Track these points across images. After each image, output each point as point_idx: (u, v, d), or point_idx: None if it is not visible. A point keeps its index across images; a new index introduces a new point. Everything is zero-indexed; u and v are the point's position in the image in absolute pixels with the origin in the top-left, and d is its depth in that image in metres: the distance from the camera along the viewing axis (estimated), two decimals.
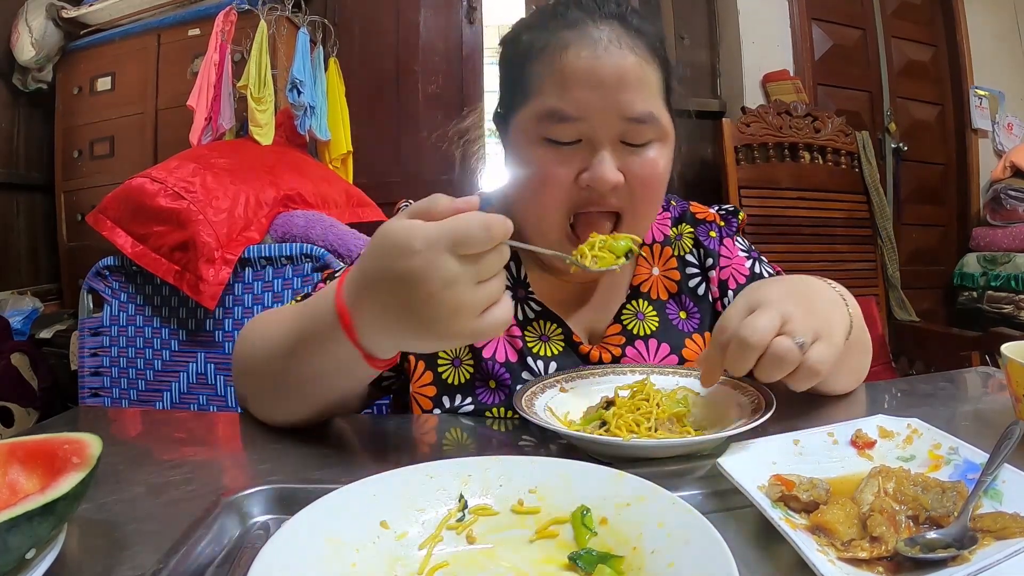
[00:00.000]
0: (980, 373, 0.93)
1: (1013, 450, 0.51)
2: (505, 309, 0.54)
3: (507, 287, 0.76)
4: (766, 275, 0.91)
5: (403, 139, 2.83)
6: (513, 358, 0.82)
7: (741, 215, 0.95)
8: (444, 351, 0.81)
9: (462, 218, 0.52)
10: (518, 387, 0.77)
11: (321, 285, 0.83)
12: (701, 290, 0.90)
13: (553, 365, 0.82)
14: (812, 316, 0.60)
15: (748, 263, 0.91)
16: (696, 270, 0.90)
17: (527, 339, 0.83)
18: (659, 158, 0.76)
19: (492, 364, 0.81)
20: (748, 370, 0.59)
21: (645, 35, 0.75)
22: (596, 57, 0.71)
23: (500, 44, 0.84)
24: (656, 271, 0.89)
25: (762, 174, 2.58)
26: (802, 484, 0.49)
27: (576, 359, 0.84)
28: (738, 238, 0.94)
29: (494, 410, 0.80)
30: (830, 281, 0.71)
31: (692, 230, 0.92)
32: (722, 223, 0.93)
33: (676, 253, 0.91)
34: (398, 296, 0.52)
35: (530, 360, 0.82)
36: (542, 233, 0.78)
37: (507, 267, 0.57)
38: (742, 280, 0.90)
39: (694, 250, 0.91)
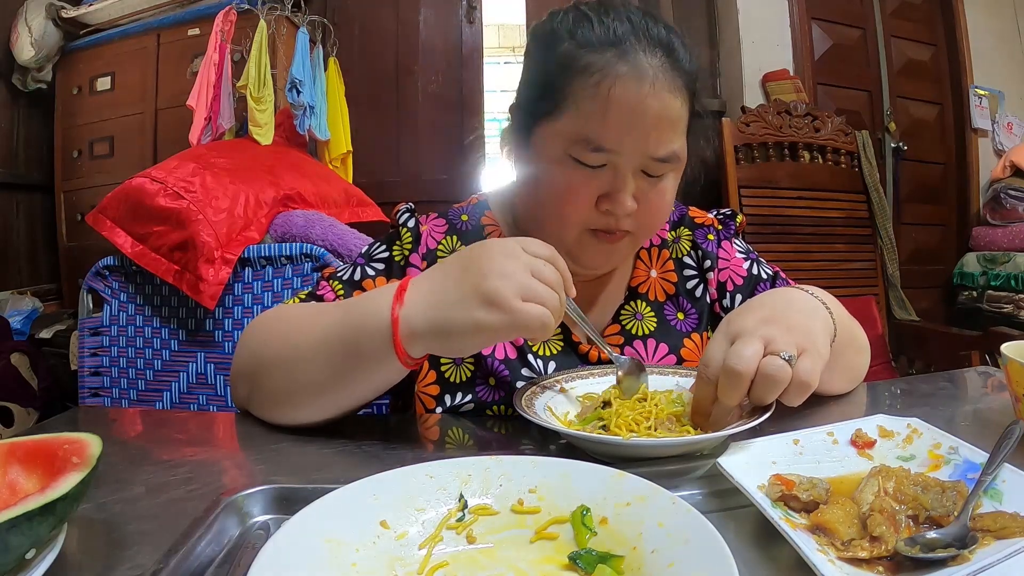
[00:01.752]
0: (980, 373, 0.93)
1: (1013, 450, 0.52)
2: (546, 314, 0.58)
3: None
4: (764, 276, 0.91)
5: (403, 139, 2.84)
6: (513, 355, 0.82)
7: (739, 218, 0.95)
8: None
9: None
10: (519, 385, 0.78)
11: (324, 284, 0.83)
12: (698, 292, 0.90)
13: (552, 364, 0.82)
14: (792, 332, 0.60)
15: (746, 264, 0.91)
16: (694, 272, 0.91)
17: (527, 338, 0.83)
18: (671, 186, 0.78)
19: (492, 361, 0.81)
20: (741, 399, 0.60)
21: (688, 72, 0.74)
22: (642, 95, 0.70)
23: (532, 36, 0.81)
24: (654, 273, 0.90)
25: (762, 174, 2.58)
26: (802, 484, 0.49)
27: (575, 359, 0.84)
28: (736, 240, 0.94)
29: (494, 407, 0.81)
30: (808, 288, 0.71)
31: (690, 233, 0.92)
32: (720, 227, 0.93)
33: (673, 256, 0.91)
34: (465, 262, 0.61)
35: (530, 357, 0.82)
36: (553, 244, 0.78)
37: None
38: (740, 281, 0.90)
39: (692, 252, 0.91)
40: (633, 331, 0.86)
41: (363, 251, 0.87)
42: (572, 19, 0.76)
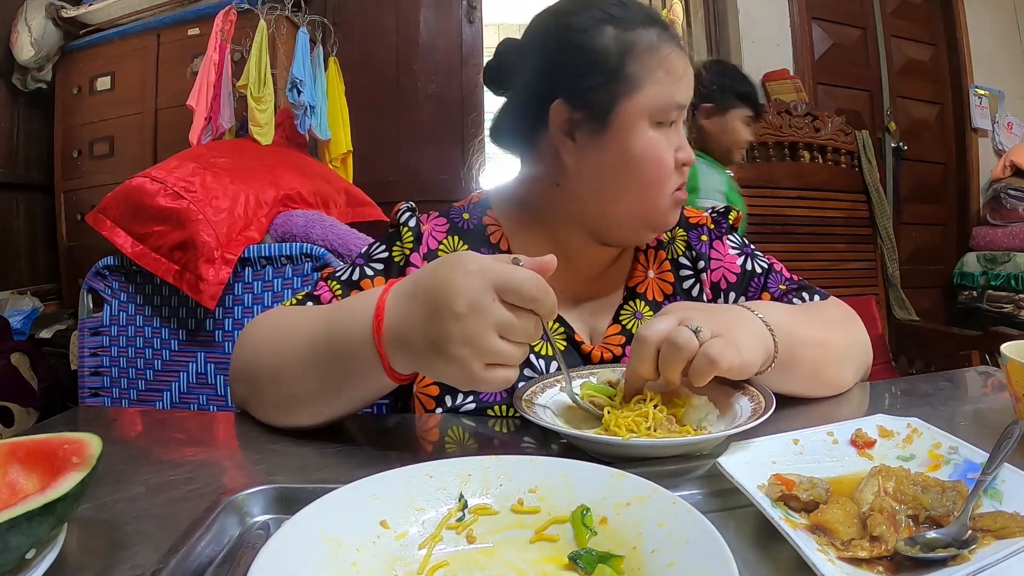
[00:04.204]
0: (980, 373, 0.93)
1: (1013, 450, 0.51)
2: (510, 375, 0.57)
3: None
4: (758, 270, 0.91)
5: (403, 138, 2.84)
6: None
7: (732, 214, 0.96)
8: None
9: (519, 269, 0.56)
10: (520, 385, 0.78)
11: (322, 284, 0.83)
12: (695, 292, 0.91)
13: (554, 364, 0.82)
14: (712, 320, 0.62)
15: (740, 260, 0.92)
16: (689, 272, 0.91)
17: None
18: None
19: None
20: (652, 368, 0.62)
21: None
22: (682, 55, 0.81)
23: (576, 31, 0.80)
24: (651, 274, 0.91)
25: (762, 173, 2.58)
26: (802, 483, 0.49)
27: (578, 358, 0.84)
28: (729, 237, 0.94)
29: (496, 407, 0.81)
30: (756, 311, 0.70)
31: (684, 234, 0.93)
32: (712, 226, 0.94)
33: (670, 256, 0.92)
34: (432, 302, 0.56)
35: (532, 357, 0.82)
36: (643, 219, 0.82)
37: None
38: (733, 279, 0.90)
39: (687, 253, 0.92)
40: (633, 331, 0.86)
41: (362, 251, 0.87)
42: (603, 7, 0.80)
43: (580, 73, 0.79)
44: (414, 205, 0.88)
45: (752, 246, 0.95)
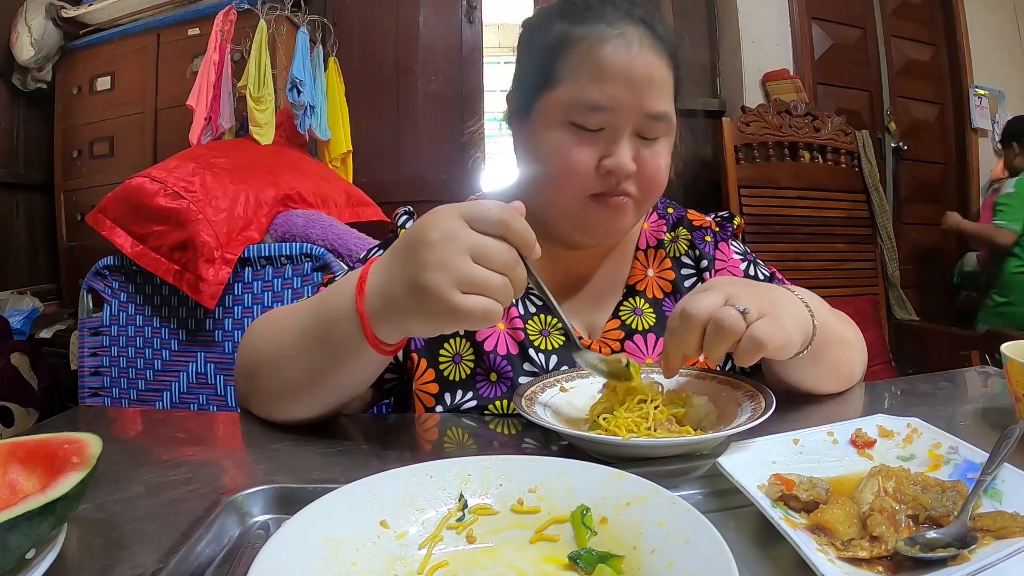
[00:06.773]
0: (980, 373, 0.93)
1: (1013, 450, 0.51)
2: (491, 307, 0.56)
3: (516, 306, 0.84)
4: (760, 277, 0.92)
5: (403, 138, 2.84)
6: (515, 350, 0.83)
7: (737, 220, 0.96)
8: (445, 347, 0.82)
9: (486, 200, 0.58)
10: (521, 380, 0.78)
11: (322, 288, 0.84)
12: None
13: (554, 358, 0.83)
14: (758, 299, 0.61)
15: (743, 265, 0.92)
16: (691, 271, 0.92)
17: (528, 332, 0.83)
18: (665, 151, 0.80)
19: (494, 357, 0.81)
20: (696, 345, 0.61)
21: (667, 42, 0.79)
22: (631, 55, 0.75)
23: (523, 26, 0.86)
24: (651, 273, 0.91)
25: (762, 173, 2.58)
26: (802, 483, 0.49)
27: None
28: (733, 242, 0.95)
29: (496, 403, 0.81)
30: (795, 289, 0.72)
31: (688, 234, 0.93)
32: (717, 229, 0.94)
33: (671, 255, 0.92)
34: (409, 245, 0.58)
35: (531, 352, 0.82)
36: (558, 215, 0.81)
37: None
38: None
39: (689, 252, 0.93)
40: (633, 326, 0.86)
41: (361, 256, 0.88)
42: (559, 5, 0.81)
43: (519, 68, 0.84)
44: (412, 209, 0.89)
45: (753, 255, 0.96)
